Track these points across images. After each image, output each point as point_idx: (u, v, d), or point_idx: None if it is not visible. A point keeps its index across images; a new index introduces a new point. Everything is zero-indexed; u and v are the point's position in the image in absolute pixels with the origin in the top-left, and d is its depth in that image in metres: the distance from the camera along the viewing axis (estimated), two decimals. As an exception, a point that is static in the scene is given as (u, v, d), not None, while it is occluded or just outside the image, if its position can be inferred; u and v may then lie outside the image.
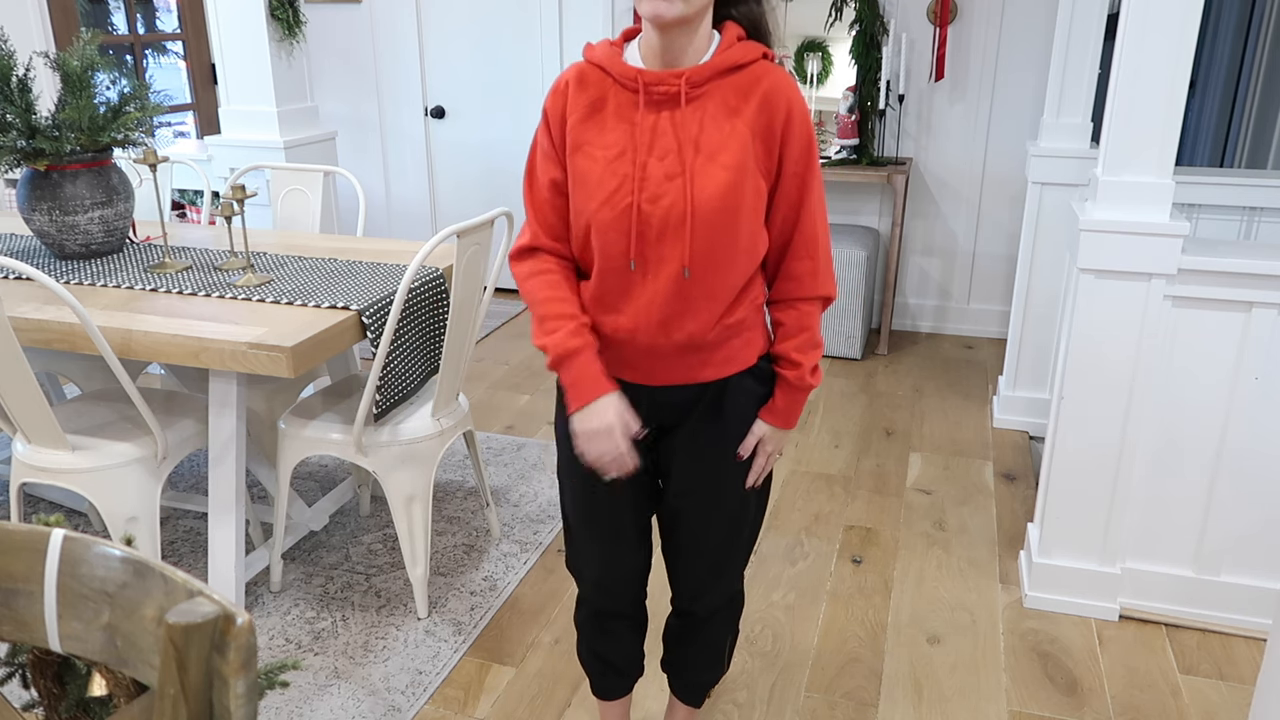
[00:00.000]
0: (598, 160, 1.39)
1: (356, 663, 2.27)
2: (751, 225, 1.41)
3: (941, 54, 4.12)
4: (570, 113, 1.42)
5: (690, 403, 1.51)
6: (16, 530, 0.93)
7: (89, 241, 2.56)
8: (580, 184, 1.42)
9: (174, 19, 4.94)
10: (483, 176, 5.06)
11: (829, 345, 4.19)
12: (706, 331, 1.44)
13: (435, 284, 2.41)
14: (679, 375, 1.48)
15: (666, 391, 1.50)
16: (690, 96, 1.37)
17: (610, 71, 1.41)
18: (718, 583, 1.69)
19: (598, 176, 1.39)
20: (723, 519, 1.61)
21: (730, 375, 1.50)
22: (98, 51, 2.47)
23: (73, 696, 1.11)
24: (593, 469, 1.48)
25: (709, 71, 1.37)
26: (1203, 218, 3.23)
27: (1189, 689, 2.19)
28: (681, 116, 1.37)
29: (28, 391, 2.10)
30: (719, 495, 1.59)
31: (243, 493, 2.35)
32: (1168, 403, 2.29)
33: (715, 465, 1.56)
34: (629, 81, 1.39)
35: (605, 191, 1.39)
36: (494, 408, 3.73)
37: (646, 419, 1.52)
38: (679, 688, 1.85)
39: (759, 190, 1.40)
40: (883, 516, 2.94)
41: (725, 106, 1.38)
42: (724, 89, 1.38)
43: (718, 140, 1.37)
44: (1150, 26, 2.05)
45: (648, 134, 1.38)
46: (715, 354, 1.47)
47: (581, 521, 1.64)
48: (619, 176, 1.38)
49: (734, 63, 1.38)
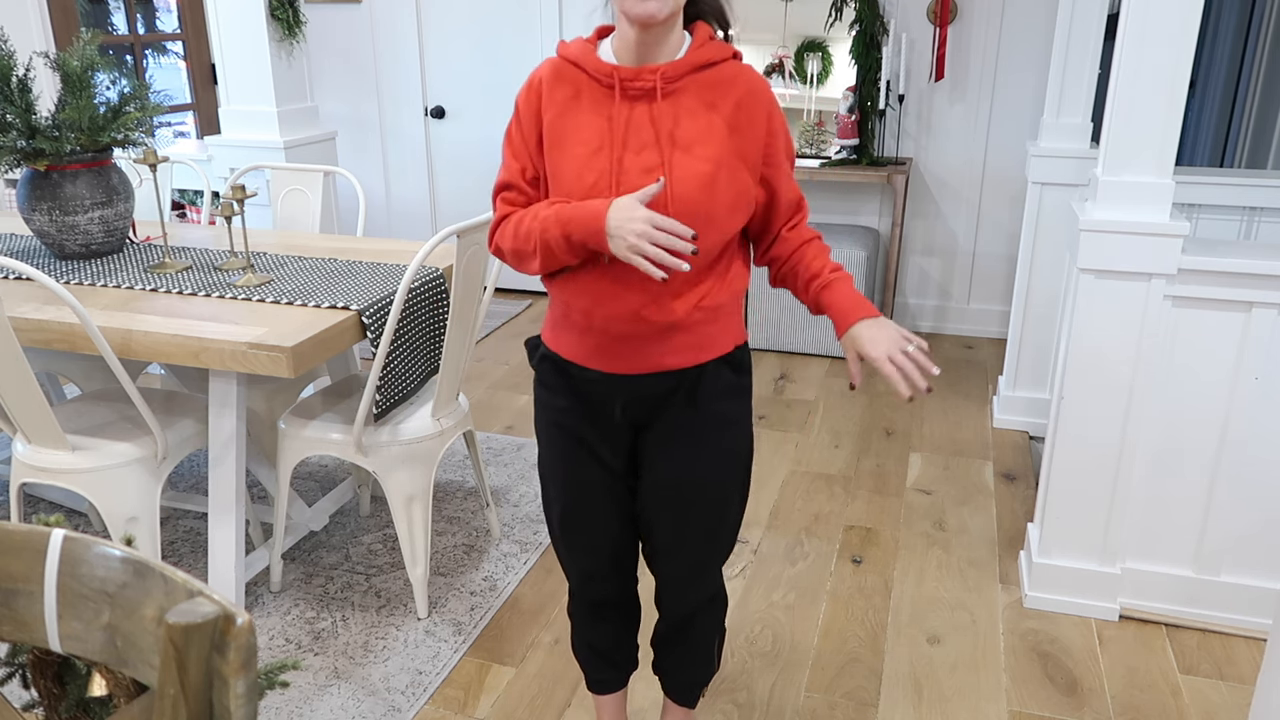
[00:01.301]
0: (575, 155, 1.41)
1: (356, 663, 2.27)
2: (727, 215, 1.42)
3: (941, 54, 4.12)
4: (546, 109, 1.44)
5: (666, 394, 1.51)
6: (16, 530, 0.93)
7: (89, 241, 2.56)
8: (558, 178, 1.43)
9: (174, 19, 4.94)
10: (483, 176, 5.06)
11: (828, 346, 4.20)
12: (682, 316, 1.44)
13: (435, 284, 2.41)
14: (655, 362, 1.48)
15: (644, 381, 1.49)
16: (666, 91, 1.40)
17: (585, 67, 1.43)
18: (699, 581, 1.68)
19: (575, 171, 1.40)
20: (700, 516, 1.59)
21: (706, 362, 1.50)
22: (98, 51, 2.47)
23: (73, 696, 1.11)
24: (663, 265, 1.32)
25: (684, 67, 1.40)
26: (1203, 218, 3.23)
27: (1189, 689, 2.19)
28: (658, 111, 1.39)
29: (28, 391, 2.10)
30: (695, 491, 1.57)
31: (243, 493, 2.35)
32: (1168, 403, 2.29)
33: (690, 460, 1.54)
34: (604, 77, 1.41)
35: (584, 185, 1.40)
36: (494, 408, 3.73)
37: (623, 413, 1.53)
38: (672, 689, 1.85)
39: (737, 182, 1.42)
40: (883, 516, 2.94)
41: (701, 102, 1.41)
42: (698, 84, 1.41)
43: (694, 134, 1.39)
44: (1150, 26, 2.05)
45: (623, 128, 1.39)
46: (691, 338, 1.47)
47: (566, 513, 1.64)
48: (596, 171, 1.39)
49: (707, 59, 1.42)
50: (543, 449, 1.64)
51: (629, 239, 1.31)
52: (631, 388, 1.50)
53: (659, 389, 1.50)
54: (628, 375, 1.49)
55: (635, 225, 1.30)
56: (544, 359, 1.59)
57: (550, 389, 1.58)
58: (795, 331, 4.22)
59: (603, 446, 1.57)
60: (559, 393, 1.57)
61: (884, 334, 1.41)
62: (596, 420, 1.55)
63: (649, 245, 1.30)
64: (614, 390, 1.51)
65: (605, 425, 1.55)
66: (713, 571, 1.68)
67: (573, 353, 1.52)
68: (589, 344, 1.49)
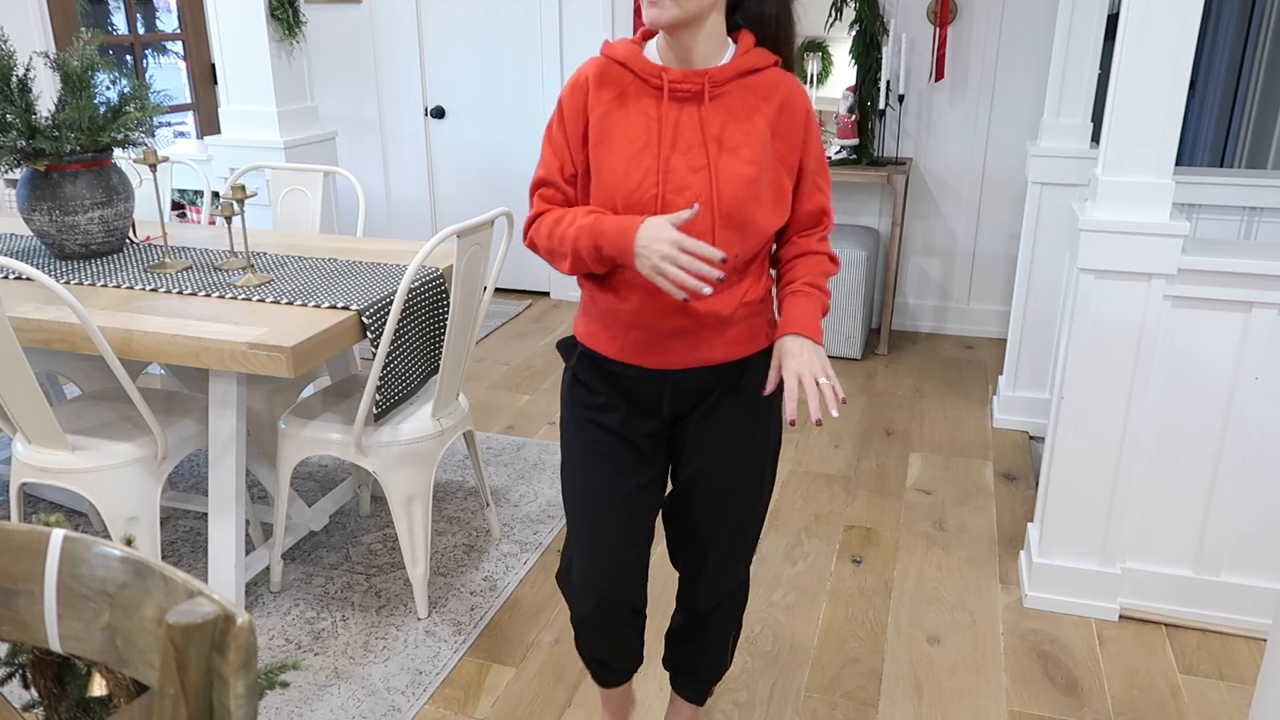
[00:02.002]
0: (621, 154, 1.44)
1: (356, 663, 2.27)
2: (768, 216, 1.48)
3: (941, 54, 4.12)
4: (592, 108, 1.47)
5: (710, 387, 1.55)
6: (16, 530, 0.93)
7: (89, 241, 2.56)
8: (602, 175, 1.46)
9: (174, 19, 4.94)
10: (483, 176, 5.06)
11: (828, 346, 4.19)
12: (730, 313, 1.49)
13: (435, 284, 2.41)
14: (703, 356, 1.51)
15: (689, 375, 1.53)
16: (713, 95, 1.44)
17: (632, 68, 1.46)
18: (727, 573, 1.69)
19: (623, 169, 1.44)
20: (739, 505, 1.62)
21: (752, 354, 1.55)
22: (98, 51, 2.47)
23: (73, 696, 1.11)
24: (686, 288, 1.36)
25: (730, 73, 1.45)
26: (1203, 218, 3.23)
27: (1189, 689, 2.19)
28: (705, 113, 1.44)
29: (28, 391, 2.10)
30: (735, 477, 1.60)
31: (243, 493, 2.35)
32: (1168, 403, 2.29)
33: (731, 448, 1.58)
34: (652, 77, 1.45)
35: (630, 184, 1.43)
36: (494, 408, 3.73)
37: (669, 407, 1.56)
38: (682, 685, 1.85)
39: (777, 184, 1.48)
40: (883, 516, 2.94)
41: (745, 106, 1.46)
42: (741, 90, 1.46)
43: (739, 137, 1.44)
44: (1150, 26, 2.05)
45: (671, 129, 1.43)
46: (736, 332, 1.52)
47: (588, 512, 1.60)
48: (642, 169, 1.43)
49: (751, 66, 1.46)
50: (573, 451, 1.61)
51: (653, 259, 1.34)
52: (678, 382, 1.54)
53: (703, 382, 1.54)
54: (672, 370, 1.52)
55: (661, 246, 1.34)
56: (582, 357, 1.59)
57: (589, 387, 1.59)
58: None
59: (644, 441, 1.59)
60: (598, 390, 1.58)
61: (808, 355, 1.45)
62: (637, 415, 1.57)
63: (671, 266, 1.33)
64: (659, 385, 1.54)
65: (647, 420, 1.58)
66: (742, 564, 1.71)
67: (615, 350, 1.54)
68: (633, 340, 1.51)
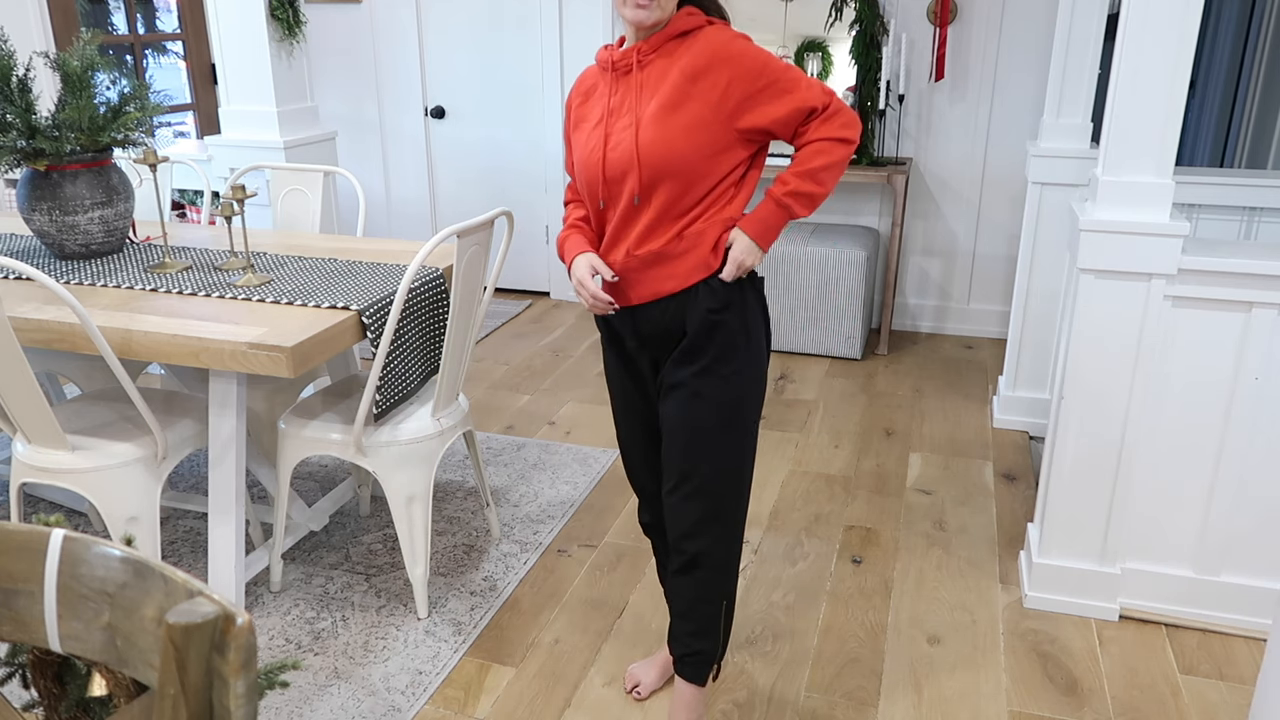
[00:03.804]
0: (583, 132, 1.78)
1: (356, 663, 2.27)
2: (701, 161, 1.66)
3: (941, 54, 4.12)
4: (574, 104, 1.83)
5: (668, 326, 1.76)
6: (16, 530, 0.93)
7: (89, 241, 2.56)
8: (574, 151, 1.81)
9: (174, 19, 4.94)
10: (483, 176, 5.06)
11: (828, 346, 4.19)
12: (666, 246, 1.71)
13: (435, 284, 2.41)
14: (652, 289, 1.74)
15: (644, 312, 1.77)
16: (642, 64, 1.70)
17: (600, 63, 1.77)
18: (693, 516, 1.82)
19: (582, 142, 1.77)
20: (695, 441, 1.79)
21: (695, 284, 1.72)
22: (98, 51, 2.47)
23: (73, 696, 1.11)
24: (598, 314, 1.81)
25: (657, 40, 1.68)
26: (1203, 218, 3.23)
27: (1189, 689, 2.19)
28: (638, 80, 1.70)
29: (28, 391, 2.10)
30: (688, 412, 1.78)
31: (243, 493, 2.35)
32: (1168, 403, 2.29)
33: (684, 385, 1.77)
34: (605, 66, 1.75)
35: (585, 151, 1.75)
36: (494, 408, 3.73)
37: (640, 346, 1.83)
38: (676, 653, 1.96)
39: (706, 130, 1.64)
40: (883, 516, 2.94)
41: (670, 63, 1.67)
42: (670, 52, 1.68)
43: (657, 87, 1.67)
44: (1150, 26, 2.05)
45: (618, 103, 1.72)
46: (678, 266, 1.72)
47: (620, 440, 2.02)
48: (595, 139, 1.74)
49: (679, 30, 1.67)
50: (609, 377, 1.98)
51: (573, 283, 1.79)
52: (637, 322, 1.80)
53: (660, 317, 1.77)
54: (634, 306, 1.78)
55: (573, 279, 1.79)
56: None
57: (604, 337, 1.94)
58: (795, 331, 4.22)
59: (638, 379, 1.90)
60: (606, 339, 1.93)
61: (746, 250, 1.72)
62: (623, 353, 1.89)
63: (581, 289, 1.77)
64: (626, 322, 1.82)
65: (630, 357, 1.88)
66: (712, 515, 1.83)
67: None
68: (611, 287, 1.79)
